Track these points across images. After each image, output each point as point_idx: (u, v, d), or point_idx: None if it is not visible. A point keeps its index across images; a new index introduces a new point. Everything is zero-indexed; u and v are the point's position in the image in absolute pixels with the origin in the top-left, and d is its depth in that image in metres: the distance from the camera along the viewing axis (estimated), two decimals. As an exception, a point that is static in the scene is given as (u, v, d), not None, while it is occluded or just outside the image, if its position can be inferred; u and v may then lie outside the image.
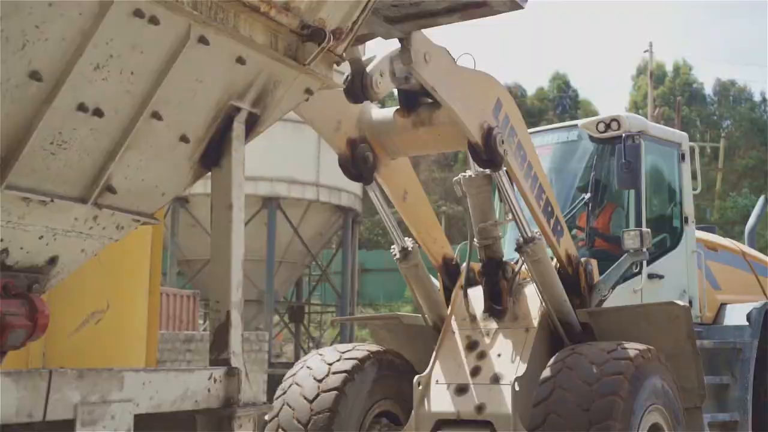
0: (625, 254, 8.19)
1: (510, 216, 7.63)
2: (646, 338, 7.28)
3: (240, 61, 4.18)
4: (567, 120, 60.02)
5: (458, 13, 5.36)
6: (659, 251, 9.00)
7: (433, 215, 8.71)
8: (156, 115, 3.92)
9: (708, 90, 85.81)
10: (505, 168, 7.24)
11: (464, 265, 8.34)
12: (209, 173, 4.44)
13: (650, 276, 8.71)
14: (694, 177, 9.40)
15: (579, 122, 9.34)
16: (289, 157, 23.35)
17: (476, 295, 8.06)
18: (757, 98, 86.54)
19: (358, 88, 6.20)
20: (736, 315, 9.31)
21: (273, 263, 25.28)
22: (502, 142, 7.01)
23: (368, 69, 6.18)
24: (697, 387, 7.78)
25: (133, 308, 7.29)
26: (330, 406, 7.45)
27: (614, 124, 8.76)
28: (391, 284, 46.15)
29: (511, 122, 7.29)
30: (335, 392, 7.52)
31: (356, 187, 26.40)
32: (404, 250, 8.16)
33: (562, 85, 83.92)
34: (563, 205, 8.70)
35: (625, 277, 8.43)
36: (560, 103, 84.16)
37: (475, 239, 7.93)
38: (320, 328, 35.88)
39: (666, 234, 9.21)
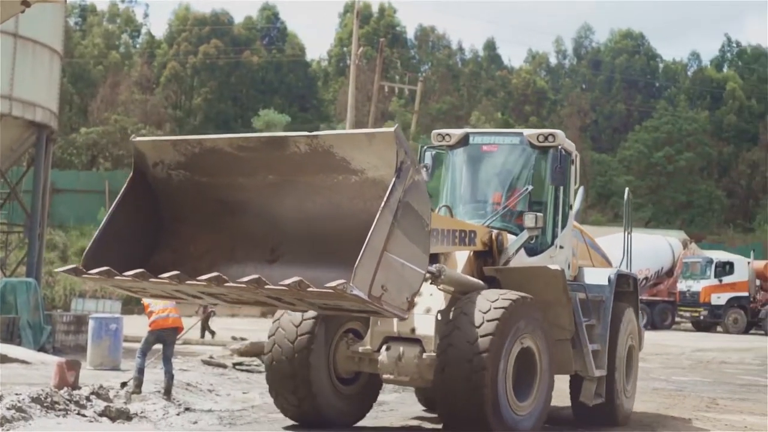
0: (525, 230, 11.20)
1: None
2: (536, 290, 10.24)
3: (-49, -36, 3.99)
4: (273, 50, 59.50)
5: (365, 312, 8.74)
6: (560, 229, 11.83)
7: None
8: None
9: (410, 34, 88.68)
10: None
11: None
12: None
13: (560, 246, 11.79)
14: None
15: (524, 131, 11.96)
16: (-20, 68, 22.00)
17: None
18: (454, 46, 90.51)
19: None
20: (592, 276, 12.36)
21: (-43, 178, 23.91)
22: None
23: None
24: (569, 324, 10.86)
25: None
26: (310, 328, 10.58)
27: (551, 138, 11.55)
28: (83, 206, 44.87)
29: None
30: (314, 319, 10.60)
31: (53, 103, 25.33)
32: None
33: (270, 16, 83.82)
34: (507, 189, 11.74)
35: (547, 246, 11.59)
36: (267, 34, 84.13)
37: None
38: (6, 248, 34.33)
39: (561, 216, 11.92)
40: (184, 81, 75.38)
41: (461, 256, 10.80)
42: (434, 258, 9.75)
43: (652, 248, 38.86)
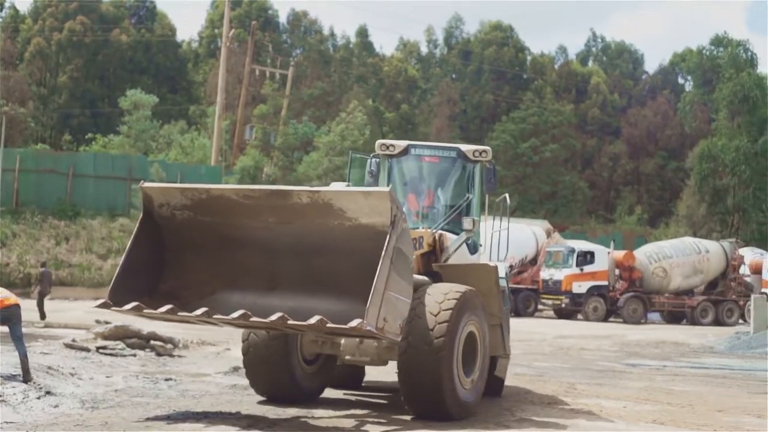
0: (463, 231, 12.90)
1: None
2: (472, 283, 11.63)
3: None
4: (142, 29, 58.29)
5: (365, 338, 10.66)
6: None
7: None
8: None
9: (282, 18, 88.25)
10: None
11: None
12: None
13: (480, 245, 13.86)
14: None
15: (461, 147, 13.64)
16: None
17: None
18: (326, 32, 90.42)
19: None
20: None
21: None
22: None
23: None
24: (498, 312, 12.59)
25: None
26: None
27: (483, 153, 13.38)
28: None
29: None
30: None
31: None
32: None
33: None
34: (446, 195, 13.59)
35: (479, 245, 13.70)
36: (136, 12, 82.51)
37: None
38: None
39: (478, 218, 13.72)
40: (49, 58, 73.35)
41: None
42: None
43: (516, 237, 39.51)
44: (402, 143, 13.81)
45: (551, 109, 78.06)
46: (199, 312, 9.76)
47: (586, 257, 40.69)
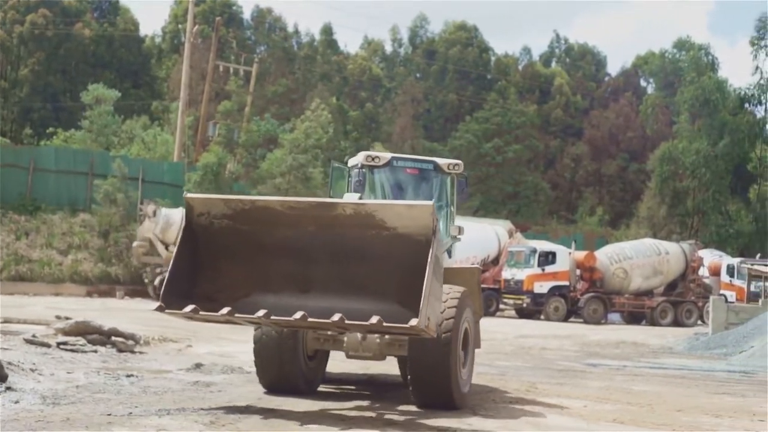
0: (449, 237, 14.05)
1: None
2: (460, 283, 12.64)
3: None
4: (104, 23, 57.80)
5: (408, 335, 11.31)
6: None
7: None
8: None
9: (246, 15, 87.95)
10: None
11: None
12: None
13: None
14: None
15: (437, 159, 14.68)
16: None
17: None
18: (291, 29, 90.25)
19: None
20: None
21: None
22: None
23: None
24: (479, 310, 13.67)
25: None
26: None
27: (457, 167, 14.36)
28: None
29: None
30: None
31: None
32: None
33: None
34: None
35: (452, 252, 14.42)
36: (99, 6, 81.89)
37: None
38: None
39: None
40: (11, 51, 72.61)
41: None
42: None
43: (479, 237, 39.84)
44: (386, 155, 14.67)
45: (514, 109, 78.45)
46: (260, 313, 10.26)
47: (547, 257, 40.92)
